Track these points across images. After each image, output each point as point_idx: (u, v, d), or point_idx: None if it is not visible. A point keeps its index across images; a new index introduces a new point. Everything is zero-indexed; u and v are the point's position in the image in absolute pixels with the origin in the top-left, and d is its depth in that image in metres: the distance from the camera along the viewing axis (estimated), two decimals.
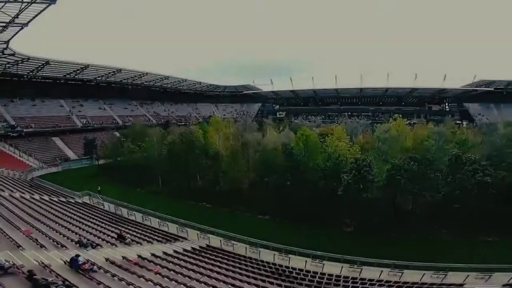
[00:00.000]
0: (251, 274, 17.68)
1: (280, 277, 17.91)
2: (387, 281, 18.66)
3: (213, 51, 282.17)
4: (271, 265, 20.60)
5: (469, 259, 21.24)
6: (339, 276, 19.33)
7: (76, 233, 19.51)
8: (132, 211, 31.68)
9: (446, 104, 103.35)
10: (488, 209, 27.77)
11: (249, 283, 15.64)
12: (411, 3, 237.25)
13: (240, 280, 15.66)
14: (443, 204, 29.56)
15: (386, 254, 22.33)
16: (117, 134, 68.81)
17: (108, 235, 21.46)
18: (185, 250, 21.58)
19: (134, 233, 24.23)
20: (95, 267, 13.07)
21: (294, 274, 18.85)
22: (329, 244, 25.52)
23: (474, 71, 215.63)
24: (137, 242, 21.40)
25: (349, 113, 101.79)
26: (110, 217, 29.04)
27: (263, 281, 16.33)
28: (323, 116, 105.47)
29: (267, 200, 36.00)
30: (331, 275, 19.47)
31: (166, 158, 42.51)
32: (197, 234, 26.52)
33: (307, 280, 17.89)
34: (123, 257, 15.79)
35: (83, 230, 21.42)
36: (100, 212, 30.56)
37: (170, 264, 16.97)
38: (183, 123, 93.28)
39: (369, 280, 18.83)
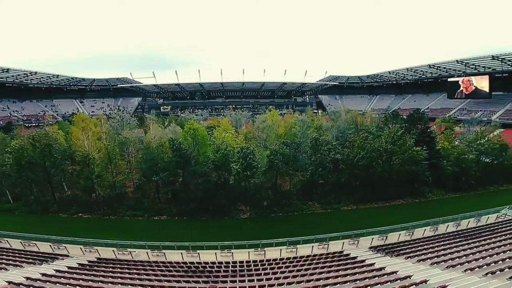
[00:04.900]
0: (162, 278, 16.69)
1: (195, 274, 17.58)
2: (287, 258, 21.33)
3: (82, 41, 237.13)
4: (181, 264, 20.10)
5: (340, 228, 26.04)
6: (249, 261, 20.80)
7: None
8: None
9: (307, 96, 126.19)
10: (342, 182, 35.75)
11: (162, 287, 14.86)
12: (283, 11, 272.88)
13: (152, 286, 14.74)
14: (311, 181, 35.47)
15: (279, 232, 25.61)
16: None
17: None
18: (70, 267, 18.48)
19: None
20: None
21: (208, 268, 18.98)
22: (232, 233, 27.14)
23: (326, 66, 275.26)
24: None
25: (233, 106, 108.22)
26: None
27: (178, 281, 15.68)
28: (210, 110, 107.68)
29: (160, 200, 34.57)
30: (242, 261, 20.67)
31: (13, 168, 33.49)
32: (81, 248, 23.35)
33: (222, 271, 18.36)
34: None
35: None
36: None
37: (57, 284, 14.28)
38: (34, 124, 77.33)
39: (274, 260, 21.09)
